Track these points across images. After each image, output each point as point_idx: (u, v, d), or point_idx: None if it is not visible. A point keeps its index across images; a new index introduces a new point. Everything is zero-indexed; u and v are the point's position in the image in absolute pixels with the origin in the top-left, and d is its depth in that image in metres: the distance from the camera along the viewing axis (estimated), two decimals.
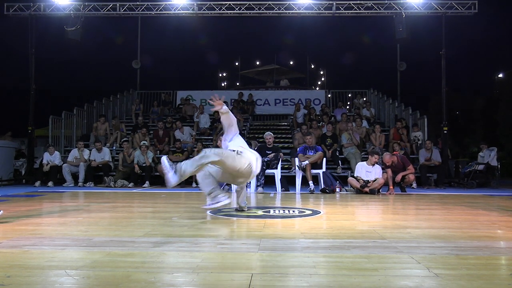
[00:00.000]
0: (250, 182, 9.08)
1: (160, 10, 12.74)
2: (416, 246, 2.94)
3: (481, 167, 11.05)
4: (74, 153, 10.83)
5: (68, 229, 3.69)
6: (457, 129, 26.47)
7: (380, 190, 8.16)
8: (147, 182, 10.10)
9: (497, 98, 27.25)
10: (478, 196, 7.90)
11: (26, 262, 2.43)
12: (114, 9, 12.61)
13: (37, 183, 10.21)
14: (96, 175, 10.65)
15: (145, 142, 10.85)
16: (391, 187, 8.10)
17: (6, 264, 2.38)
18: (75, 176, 10.55)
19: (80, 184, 10.28)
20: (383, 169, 8.27)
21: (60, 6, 12.25)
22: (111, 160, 10.93)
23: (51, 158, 10.67)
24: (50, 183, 10.14)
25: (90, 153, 10.87)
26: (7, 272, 2.18)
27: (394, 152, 8.99)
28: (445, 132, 11.85)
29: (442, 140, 12.08)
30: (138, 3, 12.71)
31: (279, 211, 5.15)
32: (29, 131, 12.10)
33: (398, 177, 8.24)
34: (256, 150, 9.20)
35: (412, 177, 8.69)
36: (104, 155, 10.76)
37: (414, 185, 9.64)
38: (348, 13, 12.46)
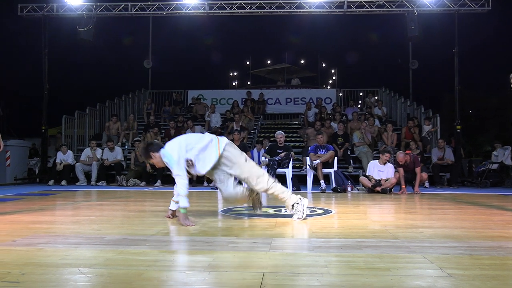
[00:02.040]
0: None
1: (171, 10, 12.79)
2: (429, 245, 2.92)
3: (495, 166, 10.93)
4: (86, 152, 10.94)
5: (81, 227, 3.72)
6: (471, 128, 26.18)
7: (392, 190, 8.11)
8: (159, 181, 10.17)
9: (511, 96, 26.87)
10: (492, 195, 7.82)
11: (40, 260, 2.45)
12: (125, 9, 12.69)
13: (51, 182, 10.35)
14: (109, 174, 10.74)
15: (157, 140, 10.91)
16: (403, 186, 8.04)
17: (21, 261, 2.41)
18: (88, 175, 10.67)
19: (92, 183, 10.38)
20: (395, 168, 8.20)
21: (72, 6, 12.37)
22: (123, 159, 11.02)
23: (64, 157, 10.79)
24: (63, 182, 10.26)
25: (102, 152, 10.97)
26: (22, 270, 2.21)
27: (407, 151, 8.92)
28: (458, 130, 11.73)
29: (455, 138, 11.96)
30: (149, 3, 12.77)
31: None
32: (43, 131, 12.25)
33: (417, 188, 8.12)
34: (267, 150, 9.27)
35: (425, 176, 8.62)
36: (116, 154, 10.85)
37: (427, 184, 9.57)
38: (359, 11, 12.39)
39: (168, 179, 10.38)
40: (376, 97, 16.18)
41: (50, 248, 2.80)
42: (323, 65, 40.91)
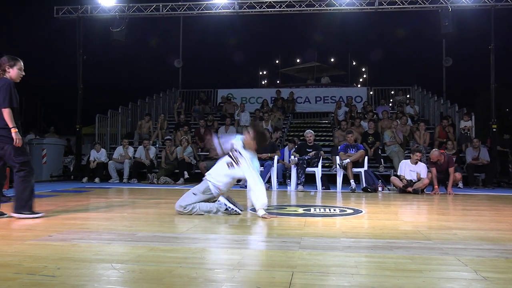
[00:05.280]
0: (290, 180, 9.07)
1: (202, 10, 12.88)
2: (463, 248, 2.84)
3: None
4: (119, 151, 11.17)
5: (114, 224, 3.81)
6: (507, 127, 25.31)
7: (425, 190, 7.93)
8: (181, 179, 10.24)
9: None
10: None
11: (74, 255, 2.53)
12: (157, 10, 12.87)
13: (85, 179, 10.61)
14: (140, 172, 10.93)
15: (185, 136, 11.12)
16: (436, 186, 7.85)
17: (57, 256, 2.48)
18: (120, 173, 10.89)
19: (124, 180, 10.59)
20: (428, 167, 8.00)
21: (105, 8, 12.64)
22: (154, 157, 11.20)
23: (97, 155, 11.06)
24: (96, 179, 10.52)
25: (135, 150, 11.19)
26: (57, 264, 2.28)
27: (441, 150, 8.69)
28: (494, 130, 11.37)
29: (491, 138, 11.60)
30: (180, 3, 12.90)
31: (319, 210, 5.11)
32: (77, 129, 12.59)
33: (450, 189, 7.91)
34: (296, 149, 9.23)
35: (458, 176, 8.40)
36: (150, 153, 11.05)
37: (461, 185, 9.32)
38: (391, 8, 12.16)
39: (192, 177, 10.41)
40: (408, 95, 15.87)
41: (84, 243, 2.87)
42: (354, 63, 40.49)
